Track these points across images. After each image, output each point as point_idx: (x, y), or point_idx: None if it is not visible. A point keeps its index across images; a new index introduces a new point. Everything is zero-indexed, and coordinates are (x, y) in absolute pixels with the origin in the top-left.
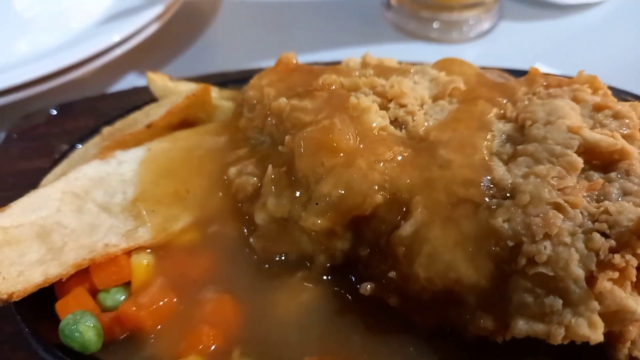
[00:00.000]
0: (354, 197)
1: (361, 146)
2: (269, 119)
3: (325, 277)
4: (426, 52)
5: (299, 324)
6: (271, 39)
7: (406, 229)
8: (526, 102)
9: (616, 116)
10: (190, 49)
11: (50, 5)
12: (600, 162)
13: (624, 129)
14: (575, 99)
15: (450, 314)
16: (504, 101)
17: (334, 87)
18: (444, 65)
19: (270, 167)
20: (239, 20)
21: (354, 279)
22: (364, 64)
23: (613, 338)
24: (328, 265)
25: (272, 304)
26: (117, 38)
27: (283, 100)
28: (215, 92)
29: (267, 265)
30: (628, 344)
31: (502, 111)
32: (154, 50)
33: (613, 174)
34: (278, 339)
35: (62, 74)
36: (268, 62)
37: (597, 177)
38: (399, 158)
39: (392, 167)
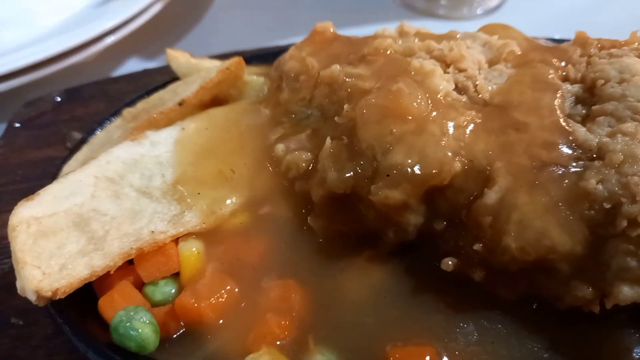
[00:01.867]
0: (429, 166)
1: (432, 112)
2: (319, 89)
3: (394, 255)
4: (435, 30)
5: (374, 306)
6: (277, 19)
7: (491, 196)
8: (585, 64)
9: None
10: (194, 31)
11: None
12: None
13: None
14: None
15: (540, 284)
16: (562, 63)
17: (389, 52)
18: (493, 29)
19: (328, 139)
20: (237, 1)
21: (426, 255)
22: (403, 33)
23: None
24: (400, 241)
25: (341, 286)
26: (117, 20)
27: (336, 68)
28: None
29: (329, 245)
30: None
31: (563, 73)
32: (157, 33)
33: None
34: (354, 323)
35: (63, 57)
36: (280, 40)
37: None
38: (472, 123)
39: (467, 133)
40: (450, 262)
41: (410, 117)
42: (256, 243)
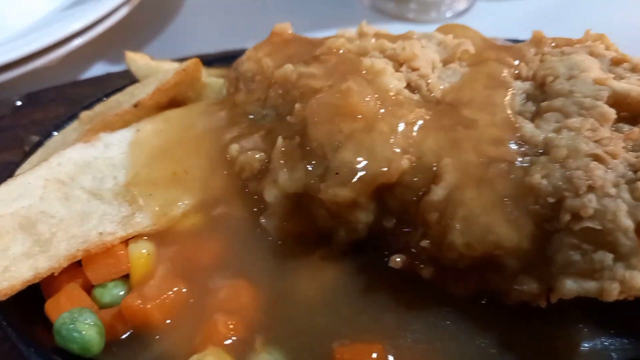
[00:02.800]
0: (378, 164)
1: (381, 110)
2: (273, 89)
3: (347, 254)
4: None
5: (324, 305)
6: (245, 23)
7: (438, 193)
8: (538, 62)
9: (635, 69)
10: (161, 35)
11: None
12: (629, 113)
13: None
14: (592, 54)
15: (489, 280)
16: (516, 62)
17: (342, 52)
18: (449, 30)
19: (279, 139)
20: (210, 4)
21: (378, 253)
22: (362, 34)
23: None
24: (351, 240)
25: (292, 286)
26: (82, 23)
27: (289, 68)
28: (202, 72)
29: (281, 245)
30: None
31: (516, 71)
32: (123, 37)
33: None
34: (304, 322)
35: (25, 62)
36: (246, 44)
37: (627, 128)
38: (421, 121)
39: (416, 130)
40: (398, 260)
41: (359, 116)
42: (208, 244)
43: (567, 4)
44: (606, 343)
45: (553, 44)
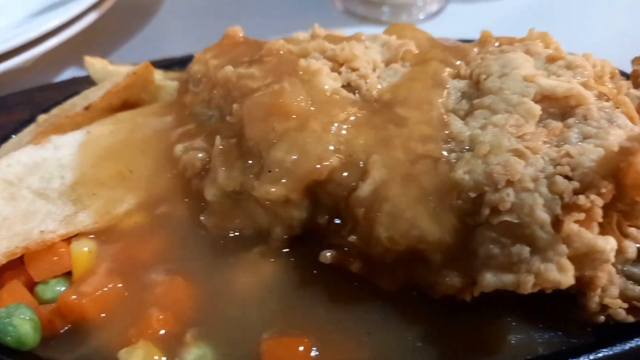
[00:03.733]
0: (308, 161)
1: (314, 109)
2: (216, 90)
3: (285, 250)
4: None
5: (258, 301)
6: (218, 26)
7: (364, 189)
8: (479, 61)
9: (570, 66)
10: (134, 39)
11: None
12: (558, 109)
13: (578, 77)
14: (529, 52)
15: (415, 274)
16: (458, 62)
17: (282, 53)
18: (395, 30)
19: (218, 138)
20: (184, 8)
21: (314, 249)
22: (314, 35)
23: (584, 285)
24: (286, 237)
25: (228, 282)
26: (50, 26)
27: (229, 69)
28: (159, 74)
29: (221, 243)
30: (599, 290)
31: (456, 71)
32: (96, 41)
33: (571, 120)
34: (236, 317)
35: None
36: None
37: (555, 124)
38: (354, 119)
39: (348, 129)
40: (328, 255)
41: (294, 115)
42: (150, 242)
43: (539, 5)
44: (533, 336)
45: (497, 44)
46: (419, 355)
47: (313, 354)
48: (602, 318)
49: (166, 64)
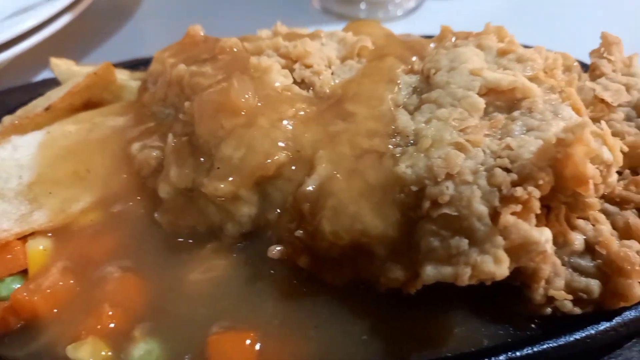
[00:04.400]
0: (256, 157)
1: (262, 105)
2: (171, 88)
3: (238, 246)
4: None
5: (207, 296)
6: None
7: (309, 184)
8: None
9: (520, 59)
10: (110, 41)
11: None
12: (504, 102)
13: (528, 70)
14: (480, 47)
15: (361, 269)
16: (413, 57)
17: (235, 50)
18: (353, 27)
19: (170, 135)
20: (161, 9)
21: (266, 245)
22: (275, 33)
23: (527, 278)
24: (238, 233)
25: (179, 278)
26: (23, 28)
27: (182, 67)
28: (124, 75)
29: (175, 240)
30: (542, 282)
31: (409, 66)
32: (71, 43)
33: (516, 113)
34: (185, 313)
35: None
36: None
37: (498, 117)
38: (303, 115)
39: (296, 125)
40: (275, 250)
41: (242, 112)
42: (105, 239)
43: (515, 2)
44: (479, 329)
45: (454, 39)
46: (364, 348)
47: (259, 348)
48: (548, 310)
49: (133, 64)
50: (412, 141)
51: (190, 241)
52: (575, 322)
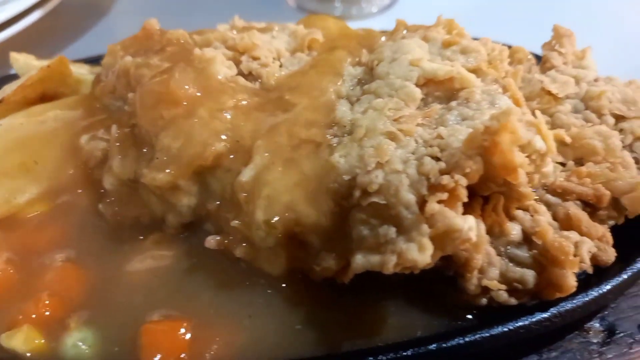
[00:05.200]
0: (193, 147)
1: (203, 96)
2: (119, 81)
3: (180, 237)
4: None
5: (145, 287)
6: (170, 24)
7: (246, 174)
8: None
9: (464, 51)
10: (83, 38)
11: None
12: (443, 93)
13: (471, 61)
14: (425, 39)
15: (296, 258)
16: (363, 50)
17: (182, 42)
18: (307, 21)
19: (114, 127)
20: (135, 7)
21: (207, 236)
22: (232, 26)
23: (460, 267)
24: (179, 224)
25: (119, 269)
26: None
27: (128, 59)
28: (85, 69)
29: (118, 231)
30: (475, 272)
31: (357, 59)
32: (42, 40)
33: (454, 103)
34: (122, 302)
35: None
36: None
37: (433, 107)
38: (244, 106)
39: (236, 116)
40: (212, 240)
41: (184, 103)
42: (48, 230)
43: None
44: (415, 319)
45: (405, 31)
46: (297, 337)
47: (191, 337)
48: (484, 301)
49: (94, 59)
50: (348, 131)
51: (133, 232)
52: (511, 313)
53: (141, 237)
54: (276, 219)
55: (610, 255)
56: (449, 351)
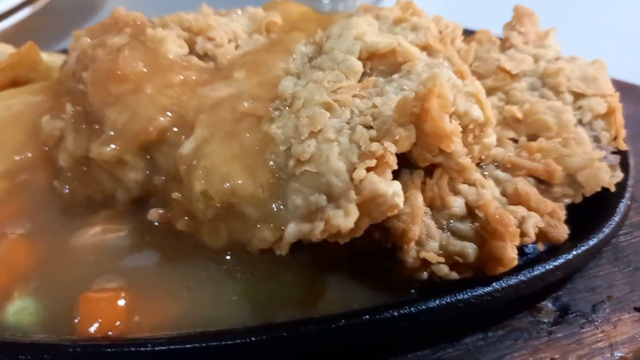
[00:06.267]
0: (138, 122)
1: (150, 73)
2: (78, 63)
3: (130, 212)
4: None
5: (92, 260)
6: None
7: (187, 146)
8: None
9: (414, 28)
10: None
11: None
12: (387, 67)
13: (420, 37)
14: (377, 17)
15: (235, 230)
16: (319, 30)
17: (139, 23)
18: (270, 5)
19: (68, 105)
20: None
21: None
22: (201, 12)
23: (397, 239)
24: (127, 199)
25: (67, 244)
26: None
27: (85, 40)
28: (61, 58)
29: (72, 208)
30: (412, 244)
31: (311, 39)
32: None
33: (396, 75)
34: (67, 275)
35: None
36: None
37: (371, 79)
38: (191, 82)
39: (184, 92)
40: (155, 213)
41: (128, 79)
42: (5, 208)
43: None
44: (354, 293)
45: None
46: (233, 309)
47: (128, 306)
48: (425, 275)
49: None
50: (289, 104)
51: (86, 209)
52: (454, 288)
53: (94, 214)
54: (213, 189)
55: (561, 232)
56: (384, 323)
